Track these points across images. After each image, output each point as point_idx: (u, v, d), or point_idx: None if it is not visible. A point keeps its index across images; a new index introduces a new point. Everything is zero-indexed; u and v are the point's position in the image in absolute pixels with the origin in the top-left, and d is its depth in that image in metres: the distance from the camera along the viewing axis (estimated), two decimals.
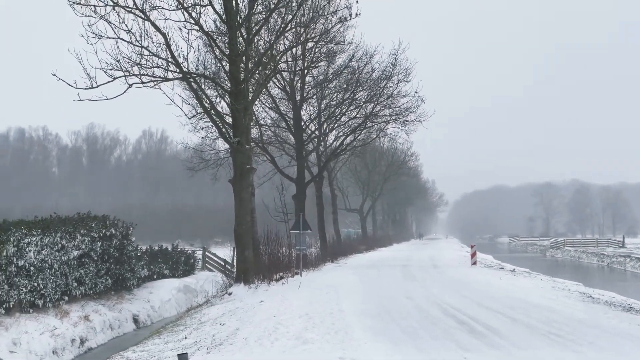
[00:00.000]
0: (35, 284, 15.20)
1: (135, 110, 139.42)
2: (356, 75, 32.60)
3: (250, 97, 21.30)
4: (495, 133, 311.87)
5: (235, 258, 23.64)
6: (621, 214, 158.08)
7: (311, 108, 36.52)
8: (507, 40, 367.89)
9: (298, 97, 33.06)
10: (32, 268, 15.12)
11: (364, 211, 62.83)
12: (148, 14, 17.69)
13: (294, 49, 27.99)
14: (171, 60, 18.55)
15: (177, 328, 14.31)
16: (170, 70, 18.94)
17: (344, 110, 34.55)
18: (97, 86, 16.84)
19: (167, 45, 18.21)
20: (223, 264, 29.81)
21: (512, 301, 15.90)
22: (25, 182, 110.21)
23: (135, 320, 18.64)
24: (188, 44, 19.54)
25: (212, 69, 24.12)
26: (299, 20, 23.60)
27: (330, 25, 25.50)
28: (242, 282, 19.84)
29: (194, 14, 18.84)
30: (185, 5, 18.55)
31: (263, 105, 32.93)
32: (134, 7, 17.27)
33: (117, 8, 17.00)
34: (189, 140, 64.22)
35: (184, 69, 19.12)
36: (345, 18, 21.94)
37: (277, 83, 32.00)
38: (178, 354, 8.53)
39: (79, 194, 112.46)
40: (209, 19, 29.18)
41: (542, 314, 13.59)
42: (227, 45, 20.91)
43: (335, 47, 30.31)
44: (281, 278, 21.79)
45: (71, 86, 16.46)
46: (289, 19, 21.76)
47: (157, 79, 18.60)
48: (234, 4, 19.87)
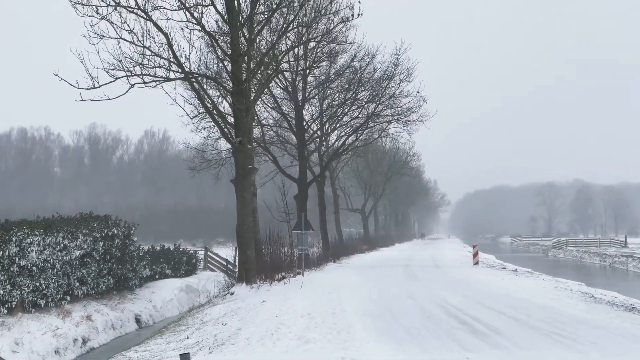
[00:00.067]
0: (38, 284, 15.20)
1: (137, 110, 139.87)
2: (358, 75, 32.62)
3: (252, 97, 21.29)
4: (497, 133, 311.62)
5: (237, 258, 23.63)
6: (623, 214, 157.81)
7: (313, 108, 36.57)
8: (509, 41, 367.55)
9: (300, 97, 33.07)
10: (34, 268, 15.13)
11: (365, 211, 62.82)
12: (150, 14, 17.70)
13: (296, 49, 28.00)
14: (173, 60, 18.55)
15: (179, 328, 14.31)
16: (172, 70, 18.95)
17: (345, 110, 34.56)
18: (99, 86, 16.87)
19: (169, 45, 18.21)
20: (225, 263, 29.81)
21: (514, 301, 15.89)
22: (28, 182, 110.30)
23: (138, 320, 18.64)
24: (190, 44, 19.57)
25: (214, 69, 24.16)
26: (301, 20, 23.62)
27: (332, 25, 25.49)
28: (244, 282, 19.85)
29: (195, 14, 18.86)
30: (187, 5, 18.55)
31: (265, 105, 32.98)
32: (136, 7, 17.29)
33: (119, 8, 17.02)
34: (191, 140, 64.32)
35: (186, 69, 19.12)
36: (348, 18, 21.91)
37: (279, 83, 32.02)
38: (180, 354, 8.53)
39: (81, 193, 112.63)
40: (211, 19, 29.33)
41: (544, 313, 13.58)
42: (229, 45, 20.91)
43: (337, 47, 30.33)
44: (283, 278, 21.80)
45: (73, 86, 16.48)
46: (291, 19, 21.76)
47: (159, 79, 18.62)
48: (235, 4, 19.85)
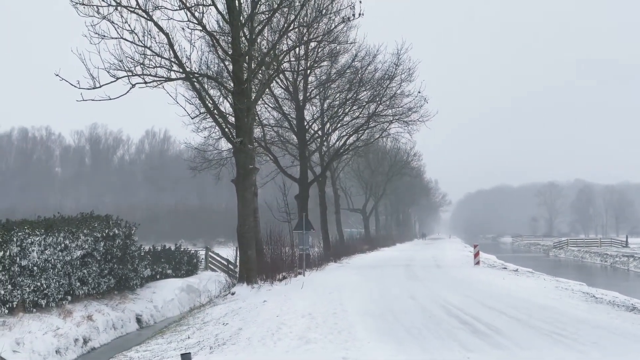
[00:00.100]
0: (39, 284, 15.21)
1: (138, 110, 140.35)
2: (359, 75, 32.62)
3: (253, 97, 21.29)
4: (497, 133, 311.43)
5: (238, 258, 23.64)
6: (624, 214, 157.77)
7: (314, 108, 36.55)
8: (509, 42, 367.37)
9: (301, 97, 33.07)
10: (35, 268, 15.13)
11: (366, 211, 62.82)
12: (151, 14, 17.71)
13: (297, 49, 27.99)
14: (174, 60, 18.55)
15: (180, 328, 14.32)
16: (173, 70, 18.95)
17: (346, 110, 34.57)
18: (100, 86, 16.87)
19: (170, 45, 18.21)
20: (226, 263, 29.80)
21: (515, 301, 15.88)
22: (29, 182, 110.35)
23: (139, 320, 18.65)
24: (191, 44, 19.58)
25: (215, 68, 24.15)
26: (302, 20, 23.63)
27: (333, 25, 25.48)
28: (245, 282, 19.85)
29: (196, 14, 18.86)
30: (188, 5, 18.56)
31: (266, 105, 32.98)
32: (137, 7, 17.29)
33: (120, 8, 17.03)
34: (192, 140, 64.42)
35: (187, 69, 19.12)
36: (349, 18, 21.91)
37: (280, 83, 32.03)
38: (181, 354, 8.54)
39: (82, 193, 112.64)
40: (212, 19, 29.33)
41: (545, 313, 13.58)
42: (230, 45, 20.91)
43: (338, 47, 30.32)
44: (284, 278, 21.80)
45: (74, 86, 16.48)
46: (292, 19, 21.77)
47: (160, 78, 18.62)
48: (236, 4, 19.86)
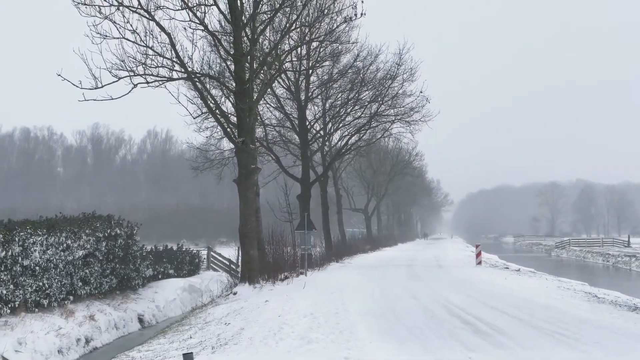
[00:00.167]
0: (41, 284, 15.22)
1: (140, 110, 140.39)
2: (361, 75, 32.60)
3: (255, 97, 21.29)
4: (497, 133, 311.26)
5: (240, 258, 23.65)
6: (626, 213, 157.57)
7: (316, 108, 36.57)
8: (510, 41, 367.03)
9: (303, 97, 33.08)
10: (37, 268, 15.15)
11: (368, 211, 62.81)
12: (153, 13, 17.72)
13: (299, 49, 28.00)
14: (176, 60, 18.55)
15: (182, 328, 14.32)
16: (175, 70, 18.95)
17: (348, 110, 34.57)
18: (102, 86, 16.88)
19: (172, 45, 18.21)
20: (228, 263, 29.80)
21: (517, 301, 15.87)
22: (30, 181, 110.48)
23: (140, 320, 18.66)
24: (193, 44, 19.65)
25: (217, 68, 24.17)
26: (303, 20, 23.61)
27: (335, 25, 25.49)
28: (247, 281, 19.85)
29: (198, 14, 18.85)
30: (190, 5, 18.56)
31: (268, 105, 32.99)
32: (139, 7, 17.29)
33: (122, 8, 17.02)
34: (194, 139, 64.48)
35: (189, 69, 19.11)
36: (350, 18, 21.90)
37: (282, 83, 32.04)
38: (183, 354, 8.54)
39: (84, 193, 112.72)
40: (214, 19, 29.24)
41: (548, 313, 13.57)
42: (231, 45, 20.91)
43: (340, 47, 30.33)
44: (286, 278, 21.80)
45: (76, 86, 16.50)
46: (293, 19, 21.74)
47: (162, 78, 18.61)
48: (238, 4, 19.86)
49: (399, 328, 11.80)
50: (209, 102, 20.77)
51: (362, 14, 20.85)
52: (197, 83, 20.06)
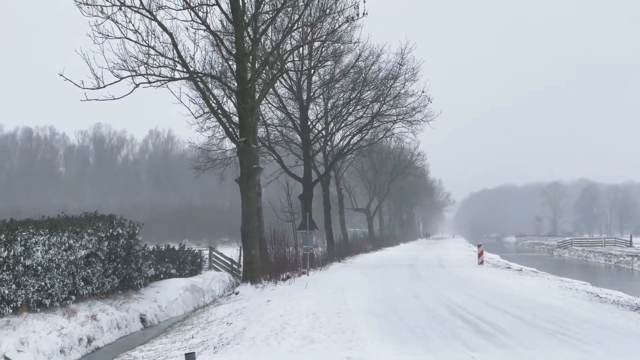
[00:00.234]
0: (43, 284, 15.23)
1: (142, 110, 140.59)
2: (363, 75, 32.57)
3: (257, 97, 21.30)
4: (498, 133, 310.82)
5: (242, 257, 23.65)
6: (628, 213, 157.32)
7: (318, 107, 36.57)
8: (510, 41, 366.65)
9: (305, 97, 33.06)
10: (39, 267, 15.16)
11: (370, 211, 62.79)
12: (155, 13, 17.73)
13: (301, 49, 27.97)
14: (178, 59, 18.57)
15: (184, 327, 14.32)
16: (177, 70, 18.97)
17: (350, 109, 34.56)
18: (104, 86, 16.91)
19: (174, 44, 18.23)
20: (230, 263, 29.81)
21: (519, 301, 15.86)
22: (33, 181, 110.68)
23: (143, 320, 18.66)
24: (195, 44, 19.61)
25: (219, 68, 24.17)
26: (305, 20, 23.59)
27: (337, 25, 25.46)
28: (249, 281, 19.85)
29: (200, 14, 18.86)
30: (192, 4, 18.57)
31: (270, 105, 32.97)
32: (141, 6, 17.30)
33: (124, 8, 17.05)
34: (196, 139, 64.50)
35: (191, 69, 19.13)
36: (352, 17, 21.90)
37: (284, 82, 32.03)
38: (185, 354, 8.54)
39: (86, 193, 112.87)
40: (216, 19, 29.28)
41: (550, 313, 13.55)
42: (233, 45, 20.92)
43: (342, 47, 30.29)
44: (288, 277, 21.80)
45: (78, 86, 16.53)
46: (295, 19, 21.74)
47: (163, 78, 18.64)
48: (240, 4, 19.87)
49: (401, 328, 11.80)
50: (211, 102, 20.78)
51: (364, 14, 20.86)
52: (199, 83, 20.08)
